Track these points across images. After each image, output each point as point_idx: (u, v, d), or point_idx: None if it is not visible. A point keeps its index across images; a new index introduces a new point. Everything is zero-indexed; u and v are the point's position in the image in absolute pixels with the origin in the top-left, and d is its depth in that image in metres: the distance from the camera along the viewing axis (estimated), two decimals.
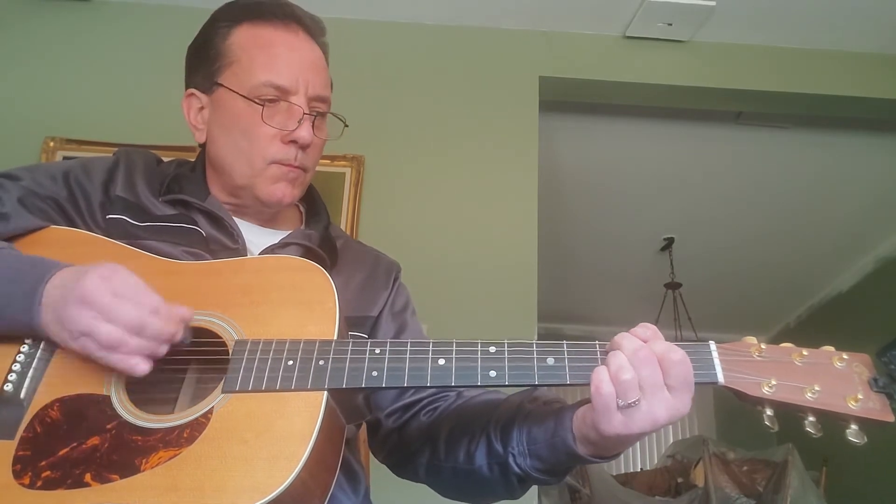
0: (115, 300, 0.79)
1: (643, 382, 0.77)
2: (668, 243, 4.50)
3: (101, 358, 0.80)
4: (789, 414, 0.80)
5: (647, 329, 0.82)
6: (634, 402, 0.76)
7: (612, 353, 0.80)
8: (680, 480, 3.86)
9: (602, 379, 0.78)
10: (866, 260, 4.57)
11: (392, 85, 2.74)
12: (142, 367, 0.80)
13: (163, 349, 0.82)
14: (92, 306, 0.78)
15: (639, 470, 4.85)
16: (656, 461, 4.45)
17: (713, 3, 2.62)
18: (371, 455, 1.21)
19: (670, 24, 2.75)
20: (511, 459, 0.93)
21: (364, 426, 1.21)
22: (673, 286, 4.76)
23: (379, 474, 1.22)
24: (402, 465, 1.11)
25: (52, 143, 2.47)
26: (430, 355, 0.84)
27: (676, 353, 0.78)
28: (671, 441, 4.83)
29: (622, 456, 0.91)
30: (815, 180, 3.74)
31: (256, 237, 1.08)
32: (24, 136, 2.48)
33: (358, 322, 1.08)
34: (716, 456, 3.58)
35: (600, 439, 0.81)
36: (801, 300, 5.28)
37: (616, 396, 0.77)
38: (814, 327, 5.16)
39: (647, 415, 0.77)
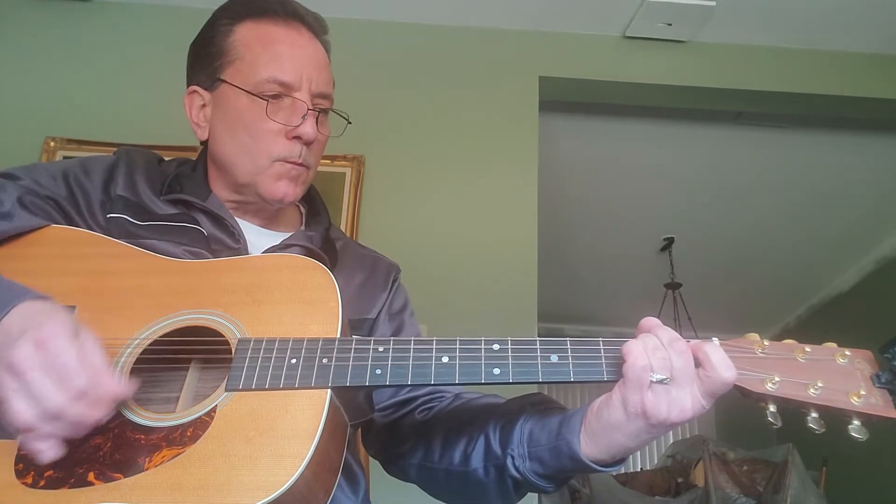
0: (40, 377, 0.71)
1: (676, 371, 0.78)
2: (668, 243, 4.50)
3: (13, 432, 0.73)
4: (791, 411, 0.80)
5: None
6: (666, 381, 0.77)
7: (645, 335, 0.81)
8: (680, 480, 3.86)
9: (639, 351, 0.79)
10: (866, 260, 4.58)
11: (392, 85, 2.75)
12: (48, 454, 0.72)
13: (82, 432, 0.75)
14: (16, 377, 0.71)
15: (639, 470, 4.85)
16: (656, 461, 4.45)
17: (713, 3, 2.62)
18: (370, 455, 1.21)
19: (670, 25, 2.75)
20: (510, 462, 0.91)
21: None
22: (673, 286, 4.76)
23: (378, 475, 1.21)
24: (393, 462, 1.11)
25: (52, 143, 2.47)
26: (434, 353, 0.83)
27: (720, 354, 0.79)
28: (671, 441, 4.83)
29: None
30: (814, 180, 3.74)
31: (257, 238, 1.08)
32: (24, 136, 2.48)
33: (356, 325, 1.08)
34: (716, 456, 3.59)
35: (623, 422, 0.80)
36: (801, 300, 5.28)
37: (651, 370, 0.77)
38: (814, 327, 5.16)
39: (676, 402, 0.77)
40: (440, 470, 1.01)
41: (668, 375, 0.77)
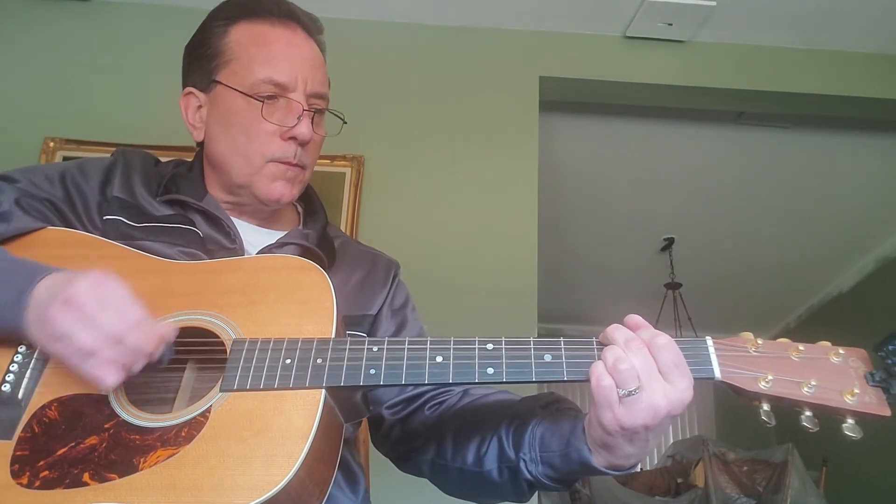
0: (100, 307, 0.78)
1: (640, 373, 0.77)
2: (668, 243, 4.50)
3: (74, 365, 0.78)
4: (787, 410, 0.80)
5: (633, 319, 0.83)
6: (635, 391, 0.76)
7: (607, 347, 0.81)
8: (680, 480, 3.86)
9: (601, 372, 0.78)
10: (866, 260, 4.58)
11: (392, 85, 2.75)
12: (111, 378, 0.77)
13: (138, 365, 0.79)
14: (75, 310, 0.77)
15: (639, 470, 4.85)
16: (656, 461, 4.45)
17: (713, 3, 2.62)
18: (370, 455, 1.21)
19: (670, 24, 2.75)
20: (523, 465, 0.92)
21: (364, 425, 1.21)
22: (673, 286, 4.76)
23: (378, 474, 1.21)
24: (406, 459, 1.11)
25: (52, 144, 2.48)
26: (428, 353, 0.84)
27: (661, 338, 0.79)
28: (671, 441, 4.83)
29: None
30: (815, 180, 3.74)
31: (254, 237, 1.08)
32: (24, 136, 2.48)
33: (356, 321, 1.09)
34: (716, 456, 3.58)
35: (610, 439, 0.80)
36: (801, 300, 5.28)
37: (616, 387, 0.77)
38: (814, 327, 5.15)
39: (647, 403, 0.76)
40: (453, 469, 1.01)
41: (636, 385, 0.77)
